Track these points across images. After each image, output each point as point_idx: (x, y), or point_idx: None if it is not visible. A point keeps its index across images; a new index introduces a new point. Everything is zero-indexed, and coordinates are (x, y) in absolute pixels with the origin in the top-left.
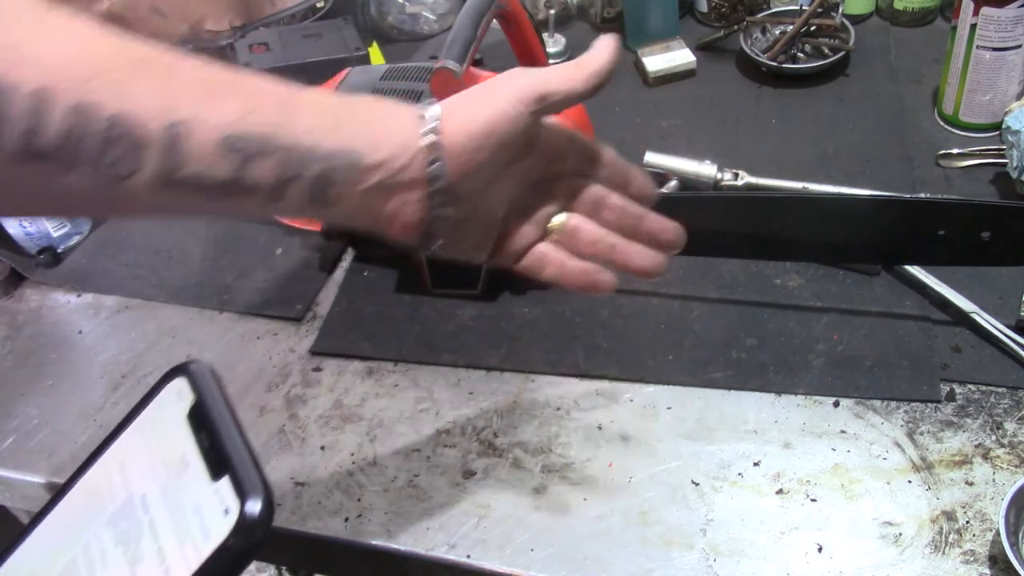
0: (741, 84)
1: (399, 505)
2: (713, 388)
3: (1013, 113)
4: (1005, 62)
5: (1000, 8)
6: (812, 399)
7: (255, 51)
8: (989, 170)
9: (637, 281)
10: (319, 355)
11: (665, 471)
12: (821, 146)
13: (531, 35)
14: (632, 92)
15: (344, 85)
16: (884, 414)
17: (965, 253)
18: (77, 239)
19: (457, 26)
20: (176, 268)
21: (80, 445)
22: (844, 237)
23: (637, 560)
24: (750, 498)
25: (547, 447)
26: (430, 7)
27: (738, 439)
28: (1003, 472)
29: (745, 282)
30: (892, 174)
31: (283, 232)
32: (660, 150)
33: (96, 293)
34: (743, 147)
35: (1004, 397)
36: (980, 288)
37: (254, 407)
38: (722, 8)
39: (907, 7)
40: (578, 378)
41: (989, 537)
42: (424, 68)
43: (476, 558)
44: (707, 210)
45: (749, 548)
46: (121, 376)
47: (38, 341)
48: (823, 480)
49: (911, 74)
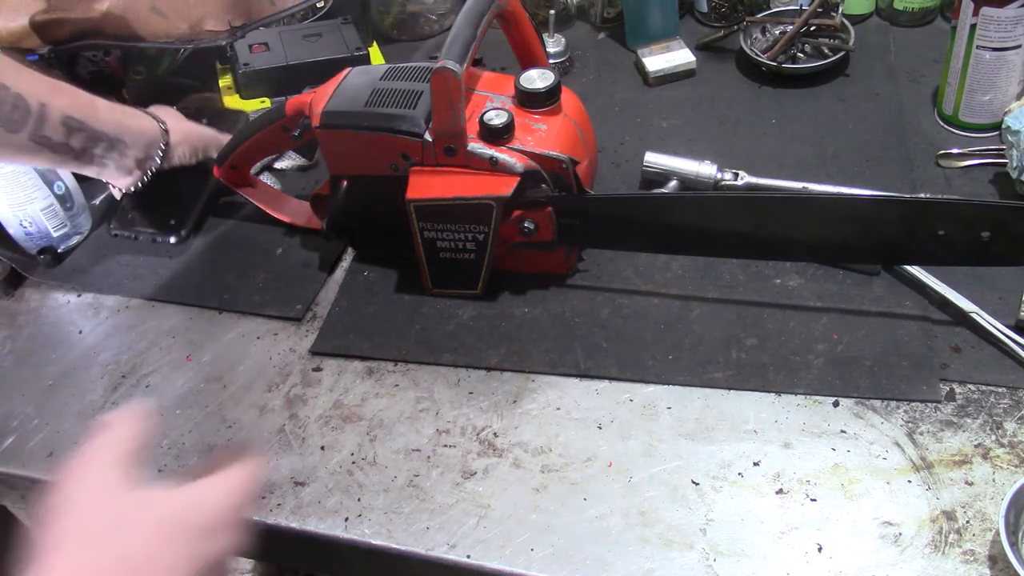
0: (741, 84)
1: (399, 505)
2: (713, 388)
3: (1013, 113)
4: (1005, 62)
5: (1000, 8)
6: (812, 399)
7: (255, 51)
8: (989, 170)
9: (637, 281)
10: (319, 355)
11: (665, 471)
12: (821, 146)
13: (531, 35)
14: (632, 92)
15: (344, 85)
16: (884, 414)
17: (965, 253)
18: (77, 239)
19: (457, 26)
20: (176, 268)
21: (80, 445)
22: (844, 237)
23: (637, 560)
24: (750, 498)
25: (547, 447)
26: (430, 7)
27: (738, 439)
28: (1003, 472)
29: (745, 282)
30: (892, 174)
31: (283, 232)
32: (660, 150)
33: (96, 293)
34: (743, 147)
35: (1004, 397)
36: (980, 288)
37: (254, 407)
38: (722, 8)
39: (907, 7)
40: (578, 378)
41: (989, 537)
42: (424, 68)
43: (476, 558)
44: (707, 210)
45: (749, 548)
46: (121, 376)
47: (38, 341)
48: (823, 480)
49: (911, 74)
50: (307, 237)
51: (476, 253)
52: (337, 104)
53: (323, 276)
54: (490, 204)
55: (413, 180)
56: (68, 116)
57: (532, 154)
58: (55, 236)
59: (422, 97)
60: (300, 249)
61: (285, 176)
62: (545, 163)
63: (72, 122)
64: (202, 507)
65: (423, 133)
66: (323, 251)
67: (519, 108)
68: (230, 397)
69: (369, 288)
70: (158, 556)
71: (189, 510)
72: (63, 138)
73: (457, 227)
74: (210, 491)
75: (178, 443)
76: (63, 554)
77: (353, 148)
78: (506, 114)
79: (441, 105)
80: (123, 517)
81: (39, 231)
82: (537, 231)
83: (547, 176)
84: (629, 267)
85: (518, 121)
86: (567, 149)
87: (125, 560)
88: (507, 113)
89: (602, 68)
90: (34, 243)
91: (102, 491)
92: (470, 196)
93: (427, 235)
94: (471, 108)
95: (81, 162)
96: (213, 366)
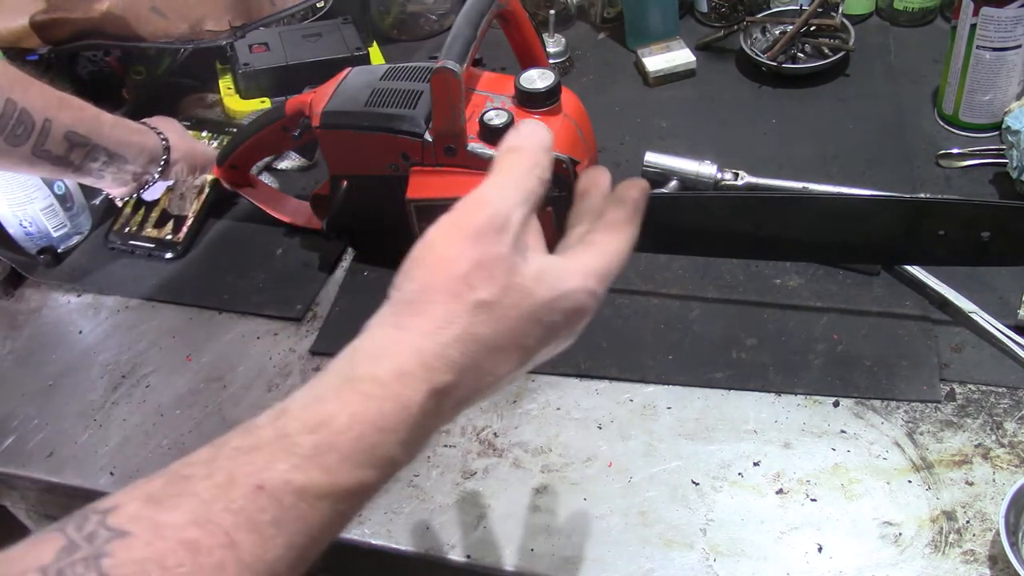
0: (741, 84)
1: (399, 505)
2: (713, 388)
3: (1013, 113)
4: (1005, 62)
5: (1000, 8)
6: (812, 399)
7: (255, 51)
8: (989, 170)
9: (637, 281)
10: (319, 355)
11: (665, 471)
12: (821, 146)
13: (531, 35)
14: (632, 92)
15: (344, 85)
16: (884, 414)
17: (965, 253)
18: (77, 239)
19: (457, 26)
20: (176, 268)
21: (80, 445)
22: (844, 237)
23: (637, 560)
24: (750, 498)
25: (547, 447)
26: (430, 7)
27: (738, 439)
28: (1003, 472)
29: (745, 282)
30: (892, 174)
31: (283, 232)
32: (660, 150)
33: (96, 293)
34: (743, 147)
35: (1004, 397)
36: (980, 288)
37: (254, 407)
38: (722, 8)
39: (907, 7)
40: (578, 378)
41: (989, 537)
42: (424, 68)
43: (476, 558)
44: (707, 210)
45: (749, 548)
46: (121, 376)
47: (38, 341)
48: (823, 480)
49: (911, 74)
50: (307, 237)
51: None
52: (337, 104)
53: (323, 276)
54: None
55: (413, 180)
56: (71, 131)
57: None
58: (55, 236)
59: (422, 97)
60: (300, 249)
61: (285, 176)
62: None
63: (75, 137)
64: (569, 299)
65: (423, 133)
66: (323, 251)
67: (519, 108)
68: (230, 397)
69: (369, 288)
70: (522, 340)
71: (561, 300)
72: (64, 152)
73: None
74: (577, 280)
75: (178, 443)
76: (430, 309)
77: (353, 148)
78: (506, 114)
79: (441, 105)
80: (505, 290)
81: (39, 231)
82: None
83: None
84: (629, 267)
85: (518, 121)
86: (567, 149)
87: (493, 336)
88: (507, 113)
89: (602, 68)
90: (34, 243)
91: (487, 252)
92: None
93: None
94: (471, 108)
95: (79, 173)
96: (213, 366)
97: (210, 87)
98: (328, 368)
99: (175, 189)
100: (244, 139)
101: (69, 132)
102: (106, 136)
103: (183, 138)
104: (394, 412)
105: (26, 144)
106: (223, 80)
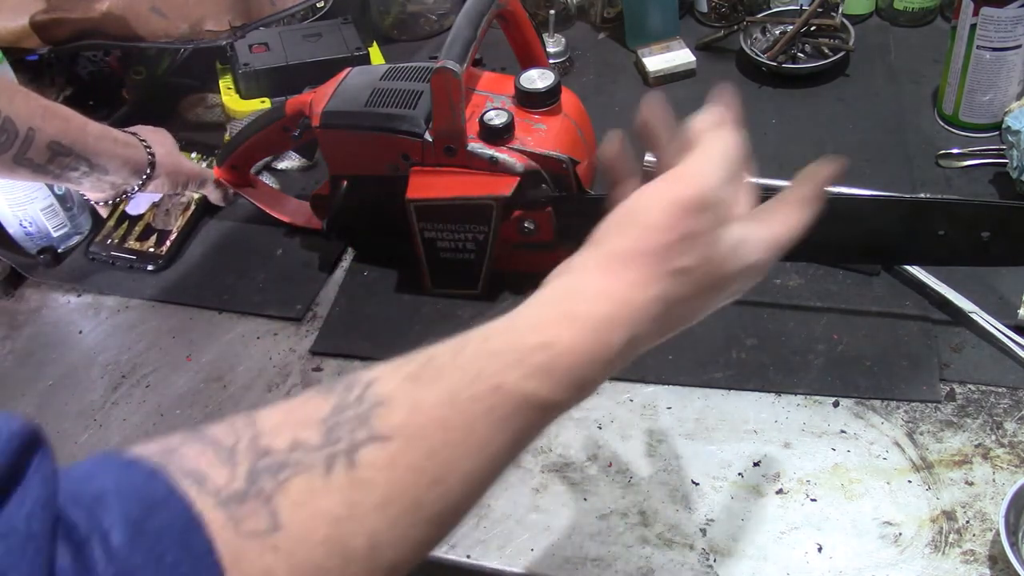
0: (741, 84)
1: None
2: (713, 388)
3: (1013, 113)
4: (1005, 62)
5: (1000, 8)
6: (812, 399)
7: (255, 51)
8: (989, 170)
9: None
10: (319, 355)
11: (665, 471)
12: (821, 146)
13: (531, 35)
14: (632, 92)
15: (344, 85)
16: (884, 414)
17: (965, 253)
18: (77, 239)
19: (457, 26)
20: (176, 268)
21: (80, 445)
22: (844, 237)
23: (637, 560)
24: (750, 498)
25: (547, 447)
26: (430, 7)
27: (738, 439)
28: (1003, 472)
29: None
30: (892, 174)
31: (283, 232)
32: None
33: (96, 293)
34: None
35: (1004, 397)
36: (980, 288)
37: (254, 407)
38: (722, 8)
39: (907, 7)
40: None
41: (989, 537)
42: (424, 68)
43: (476, 558)
44: None
45: (749, 548)
46: (121, 376)
47: (38, 341)
48: (823, 480)
49: (911, 74)
50: (307, 237)
51: (476, 253)
52: (337, 104)
53: (323, 276)
54: (490, 204)
55: (413, 180)
56: (55, 141)
57: (532, 154)
58: (55, 236)
59: (422, 97)
60: (300, 249)
61: (285, 176)
62: (545, 163)
63: (58, 147)
64: (752, 270)
65: (423, 133)
66: (323, 251)
67: (519, 108)
68: (230, 397)
69: (369, 288)
70: (706, 301)
71: (746, 271)
72: (45, 161)
73: (457, 227)
74: (761, 253)
75: None
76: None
77: (353, 148)
78: (506, 114)
79: (441, 105)
80: (703, 261)
81: (39, 231)
82: (537, 231)
83: (547, 176)
84: None
85: (518, 121)
86: (567, 149)
87: (684, 298)
88: (507, 113)
89: (602, 68)
90: (34, 243)
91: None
92: (470, 196)
93: (427, 235)
94: (471, 108)
95: (58, 180)
96: (213, 366)
97: (210, 87)
98: (543, 297)
99: (160, 204)
100: (244, 139)
101: (52, 142)
102: (91, 148)
103: (170, 154)
104: (600, 349)
105: (8, 152)
106: (223, 80)
